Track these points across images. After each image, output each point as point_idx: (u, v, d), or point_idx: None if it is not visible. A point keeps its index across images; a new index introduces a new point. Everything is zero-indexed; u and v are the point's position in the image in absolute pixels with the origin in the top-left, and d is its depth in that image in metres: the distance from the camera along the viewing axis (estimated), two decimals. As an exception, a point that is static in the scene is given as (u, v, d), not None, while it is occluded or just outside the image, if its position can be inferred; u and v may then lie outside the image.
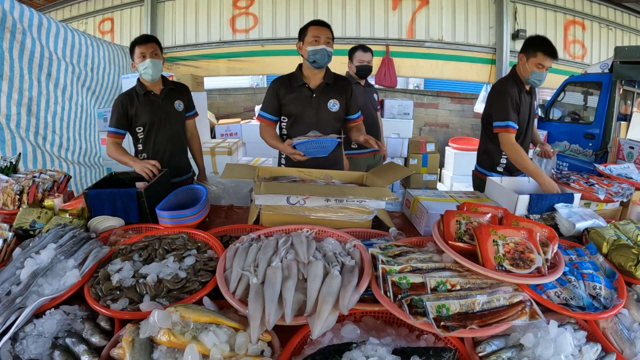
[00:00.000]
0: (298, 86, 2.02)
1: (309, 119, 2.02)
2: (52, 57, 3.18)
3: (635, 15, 6.11)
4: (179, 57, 6.16)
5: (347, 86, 2.10)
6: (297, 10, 5.90)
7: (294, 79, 2.04)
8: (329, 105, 2.04)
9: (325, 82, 2.03)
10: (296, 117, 2.04)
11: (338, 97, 2.06)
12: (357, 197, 1.46)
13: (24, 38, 2.87)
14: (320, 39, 1.89)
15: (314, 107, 2.02)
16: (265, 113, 2.08)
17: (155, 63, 2.05)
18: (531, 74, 2.04)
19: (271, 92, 2.06)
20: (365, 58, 3.01)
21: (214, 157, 3.97)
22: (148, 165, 1.84)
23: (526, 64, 2.05)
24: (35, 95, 3.04)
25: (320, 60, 1.93)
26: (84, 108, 3.78)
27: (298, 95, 2.02)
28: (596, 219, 1.50)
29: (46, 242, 1.24)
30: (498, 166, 2.24)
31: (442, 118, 6.20)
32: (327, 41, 1.91)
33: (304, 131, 1.98)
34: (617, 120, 3.83)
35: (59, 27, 3.26)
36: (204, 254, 1.24)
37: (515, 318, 0.92)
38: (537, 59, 2.01)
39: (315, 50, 1.90)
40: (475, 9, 5.82)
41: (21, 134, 2.97)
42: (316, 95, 2.02)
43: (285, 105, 2.04)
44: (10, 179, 1.72)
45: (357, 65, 3.01)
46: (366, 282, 1.02)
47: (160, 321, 0.85)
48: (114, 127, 2.12)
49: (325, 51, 1.91)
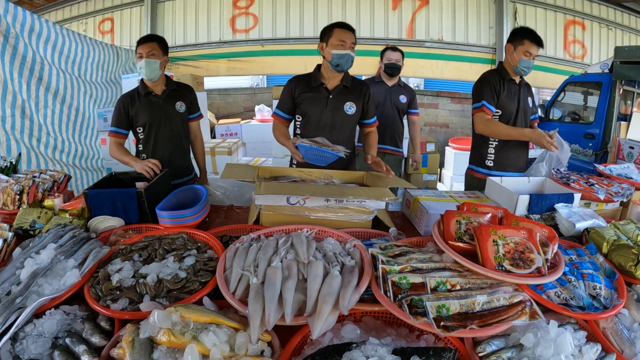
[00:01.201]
0: (315, 86, 2.02)
1: (324, 120, 2.02)
2: (44, 62, 3.20)
3: (635, 15, 6.11)
4: (179, 57, 6.16)
5: (365, 90, 2.09)
6: (297, 10, 5.90)
7: (311, 79, 2.04)
8: (345, 108, 2.04)
9: (343, 84, 2.03)
10: (310, 116, 2.04)
11: (355, 101, 2.05)
12: (357, 197, 1.46)
13: (17, 42, 2.89)
14: (346, 43, 1.90)
15: (330, 108, 2.02)
16: (280, 111, 2.10)
17: (149, 63, 2.04)
18: (519, 62, 2.08)
19: (286, 91, 2.07)
20: (394, 57, 3.16)
21: (214, 157, 3.98)
22: (149, 164, 1.85)
23: (514, 53, 2.10)
24: (26, 99, 3.06)
25: (344, 65, 1.94)
26: (79, 111, 3.78)
27: (314, 95, 2.02)
28: (596, 219, 1.50)
29: (46, 242, 1.24)
30: (487, 160, 2.25)
31: (442, 118, 6.20)
32: (352, 46, 1.92)
33: (318, 132, 1.98)
34: (617, 120, 3.83)
35: (51, 32, 3.26)
36: (204, 254, 1.24)
37: (515, 318, 0.92)
38: (524, 47, 2.06)
39: (340, 55, 1.91)
40: (475, 9, 5.82)
41: (16, 135, 2.99)
42: (333, 96, 2.02)
43: (301, 104, 2.04)
44: (10, 179, 1.72)
45: (386, 63, 3.17)
46: (366, 282, 1.02)
47: (160, 321, 0.85)
48: (115, 127, 2.13)
49: (350, 56, 1.92)
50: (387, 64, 3.17)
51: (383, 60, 3.22)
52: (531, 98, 2.27)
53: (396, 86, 3.25)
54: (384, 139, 3.23)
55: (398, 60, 3.17)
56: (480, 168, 2.27)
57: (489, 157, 2.24)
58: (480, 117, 2.13)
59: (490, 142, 2.22)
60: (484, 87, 2.14)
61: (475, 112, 2.17)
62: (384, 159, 3.21)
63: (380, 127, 3.20)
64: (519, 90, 2.20)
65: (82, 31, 6.05)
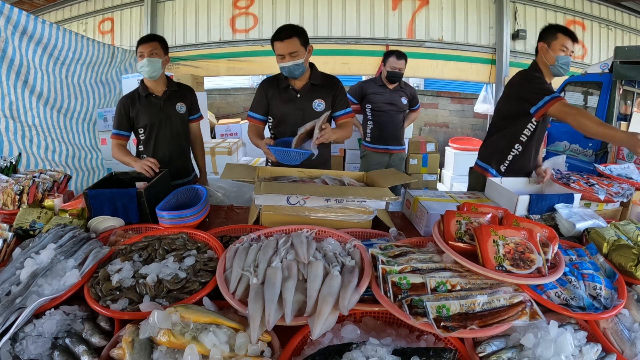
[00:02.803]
0: (283, 87, 2.04)
1: (294, 119, 2.02)
2: (30, 66, 3.20)
3: (635, 15, 6.11)
4: (179, 57, 6.15)
5: (334, 85, 2.09)
6: (297, 10, 5.90)
7: (280, 81, 2.06)
8: (314, 106, 2.05)
9: (311, 82, 2.04)
10: (281, 117, 2.07)
11: (324, 97, 2.06)
12: (357, 197, 1.46)
13: (6, 46, 2.91)
14: (284, 57, 1.90)
15: (299, 107, 2.03)
16: (254, 113, 2.12)
17: (151, 62, 2.05)
18: (557, 59, 1.88)
19: (259, 93, 2.10)
20: (398, 65, 3.14)
21: (214, 157, 3.97)
22: (147, 163, 1.86)
23: (549, 50, 1.90)
24: (14, 101, 3.08)
25: (290, 74, 1.96)
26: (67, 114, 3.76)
27: (283, 96, 2.04)
28: (596, 219, 1.50)
29: (46, 242, 1.24)
30: (502, 165, 2.12)
31: (442, 118, 6.20)
32: (293, 56, 1.89)
33: (289, 131, 2.00)
34: (617, 120, 3.83)
35: (44, 33, 3.25)
36: (204, 254, 1.24)
37: (515, 318, 0.92)
38: (559, 41, 1.88)
39: (282, 67, 1.94)
40: (475, 9, 5.82)
41: (9, 137, 3.01)
42: (301, 96, 2.03)
43: (272, 105, 2.07)
44: (10, 179, 1.72)
45: (389, 71, 3.15)
46: (366, 282, 1.02)
47: (160, 321, 0.85)
48: (116, 129, 2.15)
49: (293, 66, 1.91)
50: (390, 72, 3.15)
51: (386, 66, 3.19)
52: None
53: (397, 88, 3.27)
54: (389, 140, 3.32)
55: (402, 69, 3.16)
56: (494, 170, 2.14)
57: (506, 162, 2.10)
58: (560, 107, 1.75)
59: (514, 149, 2.04)
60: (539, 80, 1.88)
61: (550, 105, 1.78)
62: (390, 159, 3.36)
63: (384, 129, 3.29)
64: None
65: (82, 31, 6.06)
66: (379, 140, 3.33)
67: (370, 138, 3.35)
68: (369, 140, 3.36)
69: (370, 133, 3.35)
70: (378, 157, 3.37)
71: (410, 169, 4.64)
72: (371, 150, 3.38)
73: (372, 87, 3.26)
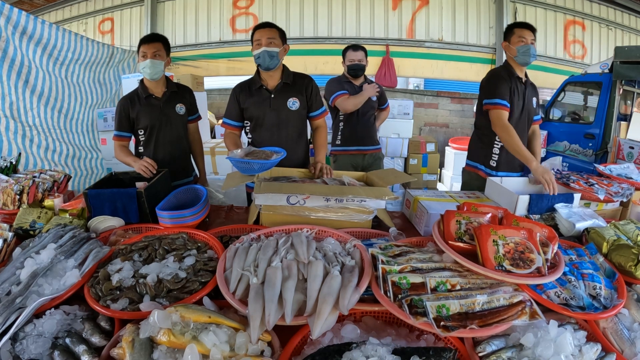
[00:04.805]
0: (256, 89, 2.03)
1: (270, 121, 2.02)
2: (31, 65, 3.20)
3: (635, 15, 6.11)
4: (179, 57, 6.15)
5: (307, 83, 2.09)
6: (297, 10, 5.90)
7: (252, 83, 2.05)
8: (288, 104, 2.03)
9: (284, 81, 2.02)
10: (257, 119, 2.05)
11: (298, 95, 2.05)
12: (357, 196, 1.46)
13: (7, 46, 2.90)
14: (261, 41, 1.89)
15: (274, 108, 2.02)
16: (228, 120, 2.09)
17: (154, 64, 2.03)
18: (518, 51, 2.05)
19: (232, 99, 2.07)
20: (356, 57, 2.95)
21: (214, 157, 3.97)
22: (145, 163, 1.86)
23: (509, 46, 2.09)
24: (14, 101, 3.08)
25: (263, 63, 1.92)
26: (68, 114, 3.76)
27: (257, 98, 2.02)
28: (596, 219, 1.50)
29: (46, 242, 1.24)
30: (491, 160, 2.18)
31: (442, 118, 6.20)
32: (270, 42, 1.88)
33: (267, 134, 2.02)
34: (617, 120, 3.83)
35: (44, 33, 3.25)
36: (204, 254, 1.24)
37: (515, 318, 0.92)
38: (516, 34, 2.06)
39: (257, 54, 1.92)
40: (475, 9, 5.83)
41: (9, 137, 3.01)
42: (275, 96, 2.02)
43: (246, 109, 2.05)
44: (10, 179, 1.72)
45: (348, 65, 2.98)
46: (366, 282, 1.02)
47: (160, 321, 0.85)
48: (117, 130, 2.14)
49: (267, 52, 1.89)
50: (350, 65, 2.96)
51: (345, 61, 3.00)
52: (536, 98, 2.22)
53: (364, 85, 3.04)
54: (362, 140, 3.08)
55: (361, 60, 2.97)
56: (484, 167, 2.21)
57: (494, 157, 2.17)
58: (497, 115, 2.03)
59: (496, 142, 2.15)
60: (498, 82, 2.07)
61: (491, 108, 2.05)
62: (364, 160, 3.11)
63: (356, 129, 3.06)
64: (525, 89, 2.15)
65: (82, 31, 6.06)
66: (351, 142, 3.05)
67: (340, 140, 3.07)
68: (339, 142, 3.07)
69: (340, 135, 3.07)
70: (351, 159, 3.08)
71: (410, 169, 4.63)
72: (343, 153, 3.08)
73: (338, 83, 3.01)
